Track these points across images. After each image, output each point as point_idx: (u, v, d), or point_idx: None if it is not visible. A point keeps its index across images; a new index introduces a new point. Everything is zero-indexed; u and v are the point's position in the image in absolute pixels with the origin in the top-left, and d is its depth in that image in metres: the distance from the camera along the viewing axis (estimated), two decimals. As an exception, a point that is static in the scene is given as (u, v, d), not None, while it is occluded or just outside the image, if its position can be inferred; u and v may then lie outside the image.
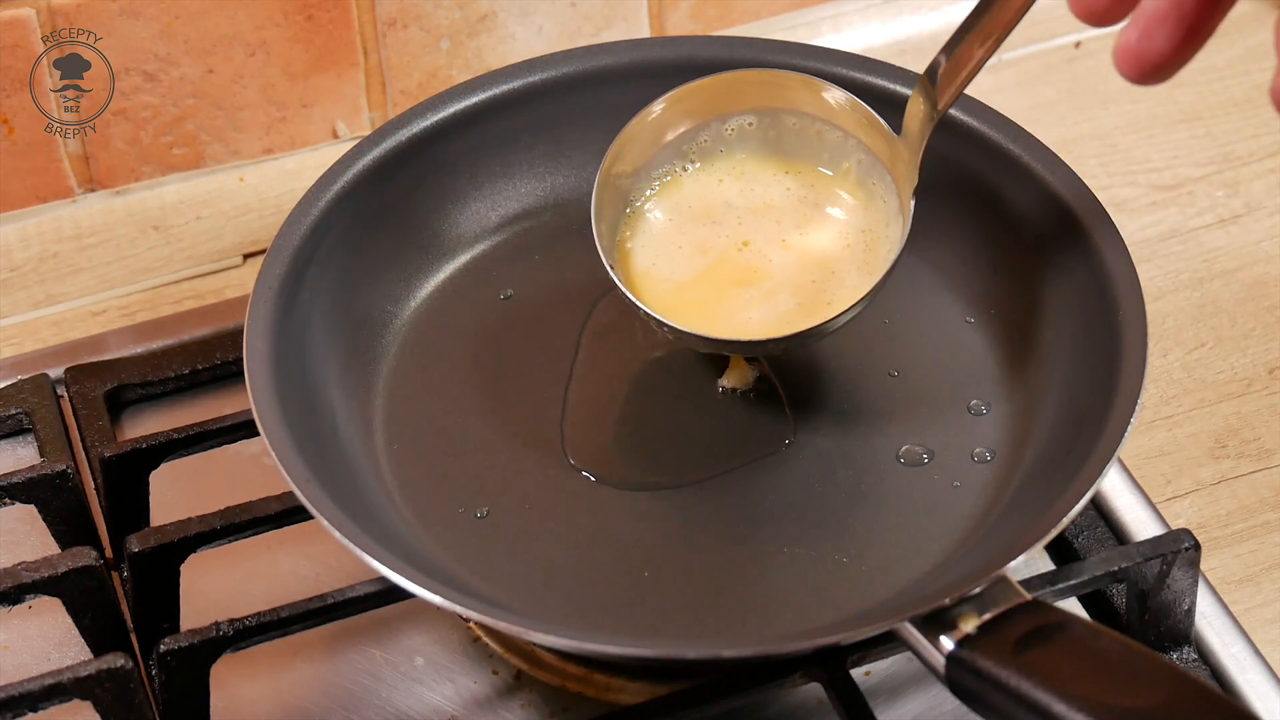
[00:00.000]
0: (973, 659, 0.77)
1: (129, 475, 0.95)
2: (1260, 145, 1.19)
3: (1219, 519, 0.99)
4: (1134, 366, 0.88)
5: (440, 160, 1.03)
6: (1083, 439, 0.88)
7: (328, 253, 0.97)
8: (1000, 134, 0.99)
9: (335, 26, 1.14)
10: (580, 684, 0.91)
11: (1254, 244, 1.13)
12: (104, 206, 1.15)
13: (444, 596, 0.81)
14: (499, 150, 1.05)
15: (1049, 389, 0.94)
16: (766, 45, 1.05)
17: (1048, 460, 0.91)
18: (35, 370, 1.05)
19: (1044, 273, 0.97)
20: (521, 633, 0.83)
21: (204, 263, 1.15)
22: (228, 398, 1.03)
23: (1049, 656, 0.76)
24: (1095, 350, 0.92)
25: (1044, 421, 0.93)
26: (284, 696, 0.91)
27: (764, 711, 0.90)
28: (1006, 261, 1.00)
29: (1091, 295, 0.93)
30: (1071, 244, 0.95)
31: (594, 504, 0.93)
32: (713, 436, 0.96)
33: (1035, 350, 0.96)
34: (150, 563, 0.90)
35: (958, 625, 0.78)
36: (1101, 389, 0.89)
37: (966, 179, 1.00)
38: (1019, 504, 0.90)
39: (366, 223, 1.00)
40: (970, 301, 1.00)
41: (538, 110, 1.05)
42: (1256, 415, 1.04)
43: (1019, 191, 0.99)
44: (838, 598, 0.88)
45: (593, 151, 0.99)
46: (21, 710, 0.84)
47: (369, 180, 0.99)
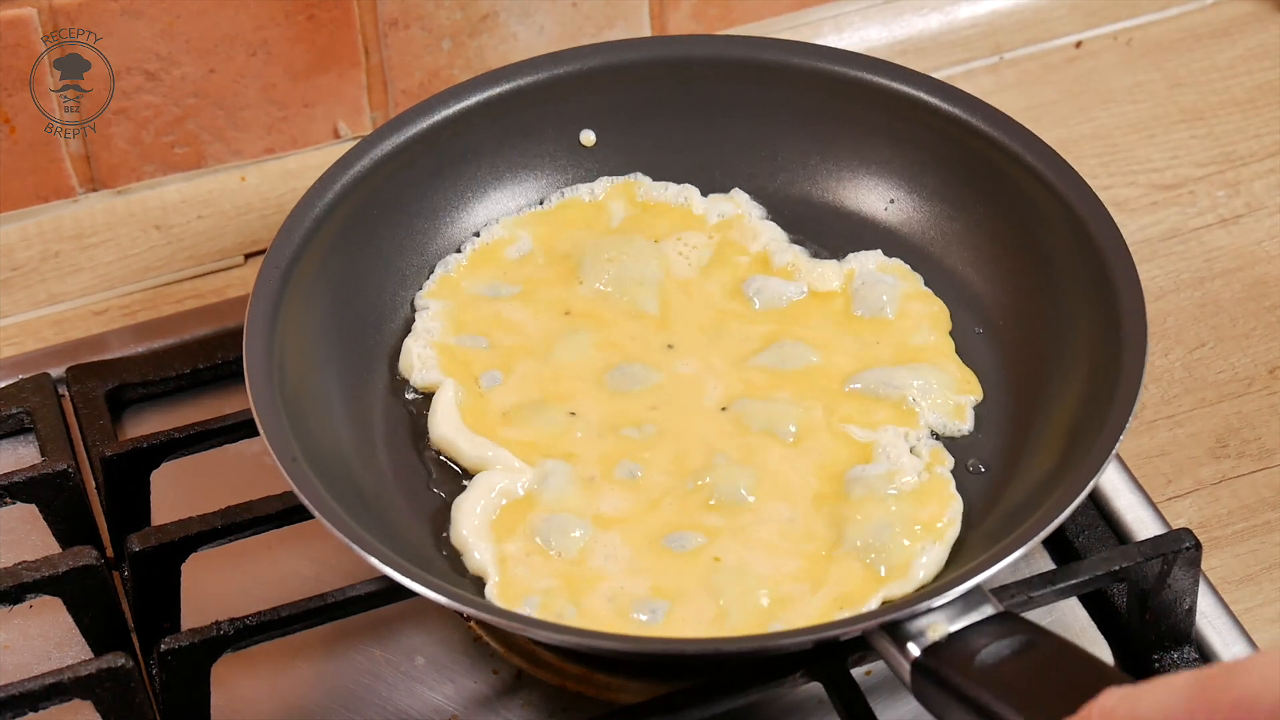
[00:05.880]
0: (937, 667, 0.78)
1: (130, 475, 0.95)
2: (1261, 145, 1.19)
3: (1219, 518, 0.99)
4: (1126, 395, 0.88)
5: (440, 158, 1.03)
6: (1071, 455, 0.88)
7: (328, 250, 0.97)
8: (1013, 140, 1.00)
9: (337, 26, 1.14)
10: (580, 684, 0.91)
11: (1254, 244, 1.13)
12: (105, 206, 1.15)
13: (440, 592, 0.82)
14: (504, 146, 1.05)
15: (1047, 403, 0.94)
16: (770, 44, 1.05)
17: (1036, 474, 0.91)
18: (36, 370, 1.05)
19: (1051, 283, 0.97)
20: (519, 629, 0.83)
21: (205, 262, 1.14)
22: (229, 397, 1.03)
23: (1014, 670, 0.77)
24: (1095, 370, 0.92)
25: (1037, 437, 0.93)
26: (284, 696, 0.91)
27: (764, 711, 0.90)
28: (1016, 272, 1.00)
29: (1096, 309, 0.93)
30: (1079, 255, 0.95)
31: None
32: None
33: (1039, 362, 0.96)
34: (151, 562, 0.90)
35: (925, 634, 0.79)
36: (1095, 412, 0.89)
37: (986, 190, 1.01)
38: (1004, 516, 0.90)
39: (366, 221, 1.00)
40: (980, 312, 1.00)
41: (539, 109, 1.05)
42: (1257, 415, 1.04)
43: (1036, 206, 0.99)
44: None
45: (573, 145, 1.01)
46: (22, 710, 0.84)
47: (369, 179, 0.99)
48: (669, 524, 0.90)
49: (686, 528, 0.90)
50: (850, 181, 1.05)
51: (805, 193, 1.06)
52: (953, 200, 1.02)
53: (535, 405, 0.95)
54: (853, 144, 1.05)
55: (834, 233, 1.04)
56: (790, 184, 1.06)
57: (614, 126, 1.06)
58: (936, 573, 0.88)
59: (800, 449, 0.93)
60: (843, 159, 1.05)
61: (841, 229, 1.04)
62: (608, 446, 0.93)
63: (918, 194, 1.04)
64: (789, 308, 1.00)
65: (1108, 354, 0.91)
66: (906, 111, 1.03)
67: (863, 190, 1.05)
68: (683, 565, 0.88)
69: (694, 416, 0.95)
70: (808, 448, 0.93)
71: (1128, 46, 1.23)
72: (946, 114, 1.02)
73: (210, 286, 1.13)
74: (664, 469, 0.92)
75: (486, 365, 0.97)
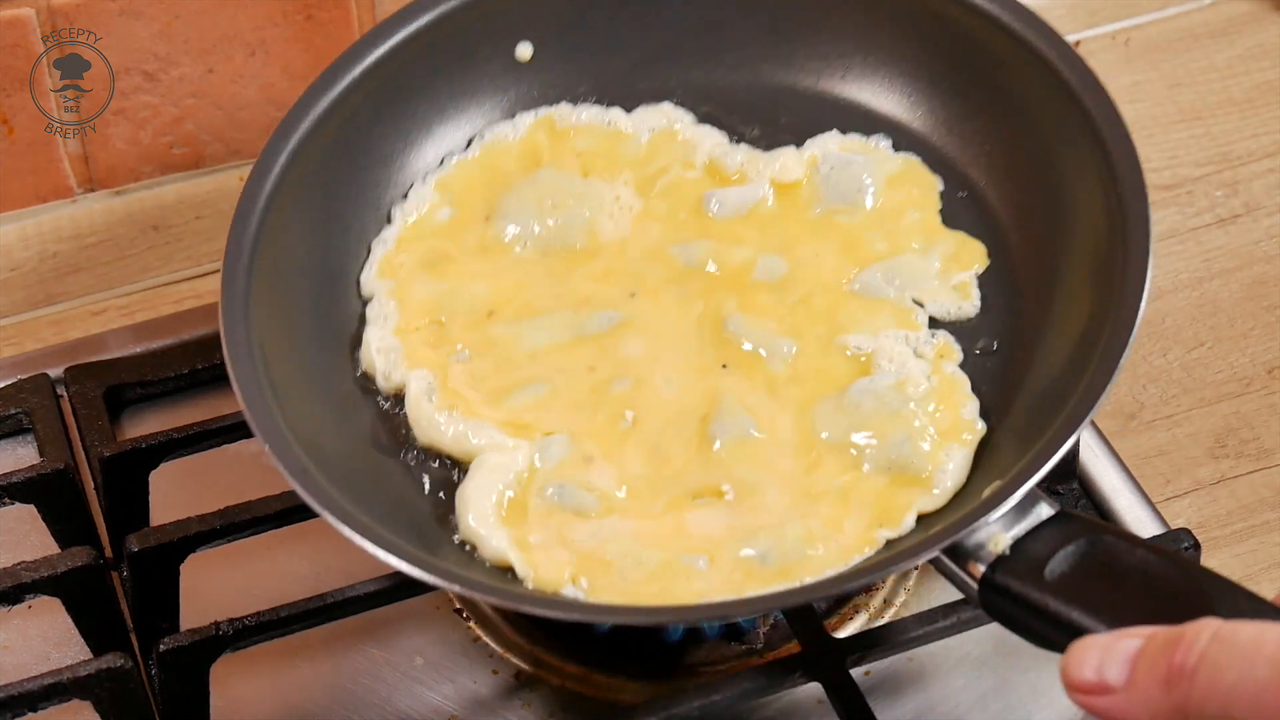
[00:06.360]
0: (1006, 583, 0.75)
1: (129, 475, 0.95)
2: (1259, 145, 1.19)
3: (1219, 518, 0.99)
4: (1139, 242, 0.84)
5: (379, 101, 0.98)
6: (1098, 316, 0.84)
7: (286, 226, 0.93)
8: (1018, 22, 0.95)
9: (335, 26, 1.14)
10: (580, 684, 0.91)
11: (1253, 244, 1.13)
12: (104, 206, 1.15)
13: (417, 565, 0.79)
14: (438, 77, 1.00)
15: (1054, 259, 0.91)
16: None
17: (1057, 344, 0.87)
18: (35, 370, 1.05)
19: (1029, 132, 0.94)
20: (516, 606, 0.81)
21: (203, 262, 1.14)
22: (228, 397, 1.02)
23: (1085, 576, 0.74)
24: (1100, 219, 0.88)
25: (1049, 301, 0.89)
26: (284, 696, 0.91)
27: (764, 711, 0.90)
28: (989, 127, 0.96)
29: (1085, 153, 0.90)
30: (1052, 98, 0.92)
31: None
32: None
33: (1036, 217, 0.93)
34: (150, 562, 0.90)
35: (985, 548, 0.77)
36: (1109, 266, 0.85)
37: (944, 47, 0.98)
38: (1032, 400, 0.86)
39: (318, 184, 0.96)
40: (959, 176, 0.97)
41: (469, 32, 1.00)
42: (1256, 415, 1.04)
43: (995, 53, 0.95)
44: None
45: (509, 64, 1.00)
46: (21, 710, 0.84)
47: (313, 138, 0.95)
48: (683, 476, 0.87)
49: (701, 477, 0.87)
50: (803, 58, 1.01)
51: (752, 79, 1.01)
52: (913, 61, 0.99)
53: (511, 377, 0.91)
54: (805, 18, 1.01)
55: (788, 116, 1.00)
56: (735, 69, 1.01)
57: (549, 35, 1.02)
58: (964, 478, 0.85)
59: (796, 373, 0.90)
60: (794, 35, 1.01)
61: (798, 110, 1.00)
62: (599, 406, 0.89)
63: (873, 60, 1.00)
64: (754, 213, 0.96)
65: (1109, 200, 0.87)
66: None
67: (815, 66, 1.01)
68: (705, 516, 0.85)
69: (679, 361, 0.91)
70: (804, 370, 0.90)
71: (1126, 46, 1.23)
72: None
73: (209, 287, 1.13)
74: (662, 421, 0.89)
75: (451, 343, 0.93)
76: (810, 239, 0.95)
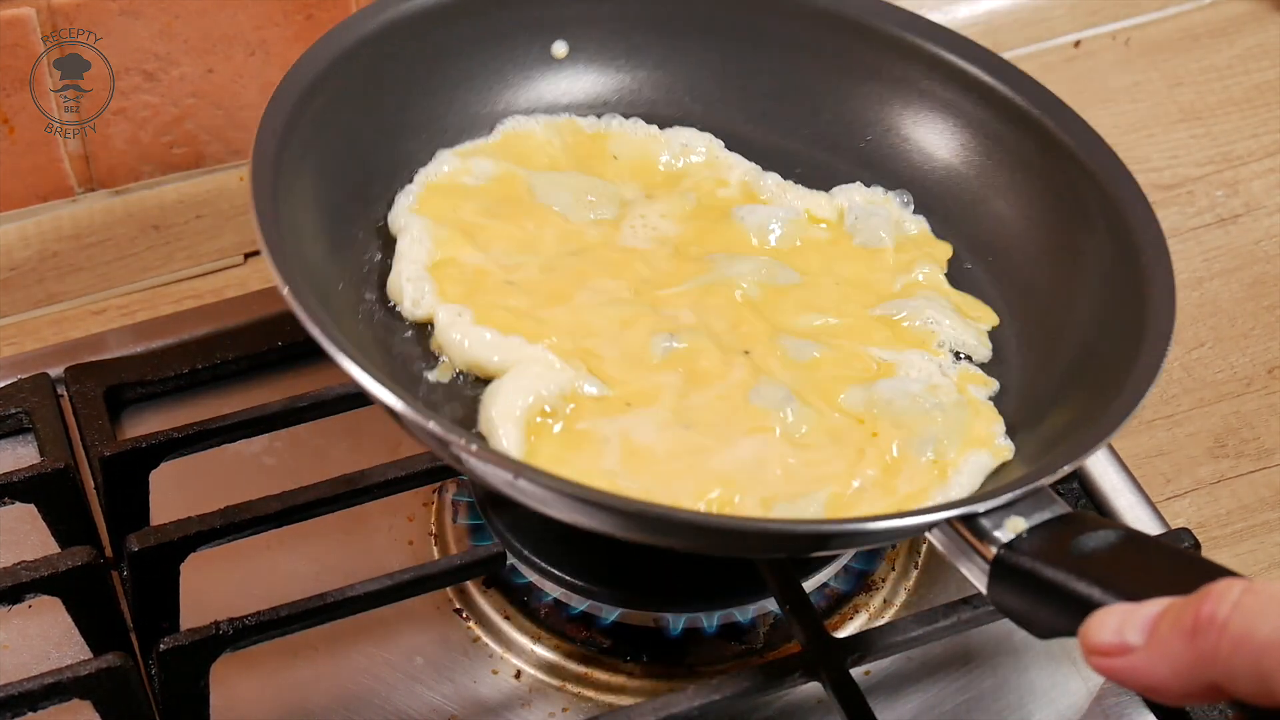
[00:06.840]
0: (1020, 562, 0.76)
1: (129, 474, 0.95)
2: (1259, 145, 1.19)
3: (1219, 518, 0.99)
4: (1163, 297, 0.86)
5: (421, 49, 0.98)
6: (1110, 363, 0.85)
7: (306, 146, 0.92)
8: (983, 70, 0.98)
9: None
10: (580, 684, 0.92)
11: (1253, 244, 1.13)
12: (104, 206, 1.15)
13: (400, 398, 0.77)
14: (476, 49, 1.00)
15: (1061, 327, 0.92)
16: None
17: (1068, 403, 0.88)
18: (35, 369, 1.05)
19: (1044, 216, 0.96)
20: (509, 477, 0.77)
21: (204, 262, 1.15)
22: (227, 397, 1.04)
23: (1110, 559, 0.74)
24: (1110, 283, 0.90)
25: (1059, 363, 0.91)
26: (283, 696, 0.91)
27: (764, 711, 0.90)
28: (1002, 209, 0.98)
29: (1097, 225, 0.92)
30: (1072, 189, 0.94)
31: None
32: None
33: (1043, 291, 0.94)
34: (150, 562, 0.90)
35: (1003, 527, 0.77)
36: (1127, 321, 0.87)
37: (965, 133, 0.99)
38: (1050, 431, 0.87)
39: (345, 108, 0.95)
40: (969, 248, 0.98)
41: (514, 11, 1.01)
42: (1256, 415, 1.04)
43: (1008, 144, 0.97)
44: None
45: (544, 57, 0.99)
46: (21, 709, 0.84)
47: (352, 60, 0.94)
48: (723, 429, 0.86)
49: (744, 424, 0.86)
50: (828, 115, 1.02)
51: (774, 126, 1.03)
52: (933, 141, 1.00)
53: (554, 313, 0.90)
54: (835, 80, 1.02)
55: (805, 166, 1.01)
56: (762, 115, 1.03)
57: (588, 40, 1.02)
58: (983, 483, 0.86)
59: (826, 367, 0.90)
60: (820, 94, 1.02)
61: (813, 162, 1.01)
62: (643, 360, 0.89)
63: (895, 132, 1.01)
64: (790, 237, 0.97)
65: (1123, 264, 0.88)
66: (900, 54, 1.00)
67: (839, 125, 1.02)
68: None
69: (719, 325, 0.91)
70: (834, 365, 0.90)
71: (1126, 46, 1.23)
72: (940, 59, 0.99)
73: (209, 286, 1.13)
74: (706, 387, 0.88)
75: (492, 280, 0.92)
76: (833, 265, 0.96)
